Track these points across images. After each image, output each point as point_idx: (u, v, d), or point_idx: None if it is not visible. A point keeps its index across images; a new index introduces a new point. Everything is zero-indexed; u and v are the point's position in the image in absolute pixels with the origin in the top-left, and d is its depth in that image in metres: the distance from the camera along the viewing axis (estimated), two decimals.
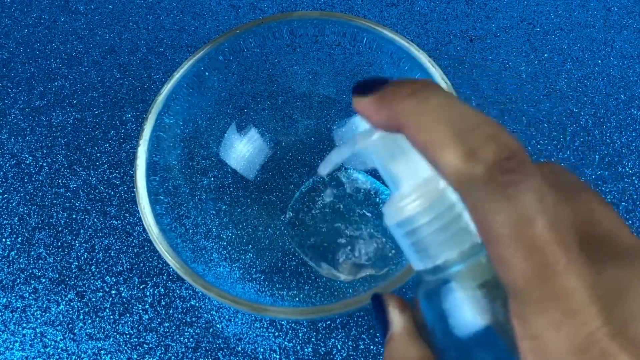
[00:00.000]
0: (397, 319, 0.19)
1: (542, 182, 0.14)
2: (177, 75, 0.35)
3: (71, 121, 0.47)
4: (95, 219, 0.43)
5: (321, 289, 0.38)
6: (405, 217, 0.17)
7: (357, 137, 0.19)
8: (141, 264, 0.41)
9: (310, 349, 0.38)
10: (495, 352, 0.17)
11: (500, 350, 0.17)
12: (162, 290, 0.40)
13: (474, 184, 0.14)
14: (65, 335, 0.39)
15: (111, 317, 0.40)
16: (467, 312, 0.17)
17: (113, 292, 0.41)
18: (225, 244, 0.38)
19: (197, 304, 0.40)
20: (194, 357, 0.38)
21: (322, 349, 0.38)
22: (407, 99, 0.16)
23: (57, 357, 0.39)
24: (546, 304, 0.14)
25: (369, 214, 0.39)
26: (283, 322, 0.39)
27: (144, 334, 0.39)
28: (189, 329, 0.39)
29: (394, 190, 0.18)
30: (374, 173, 0.41)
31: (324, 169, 0.20)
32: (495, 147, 0.14)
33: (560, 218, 0.14)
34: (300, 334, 0.39)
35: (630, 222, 0.42)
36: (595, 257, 0.15)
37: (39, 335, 0.39)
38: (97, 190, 0.44)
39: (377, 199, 0.40)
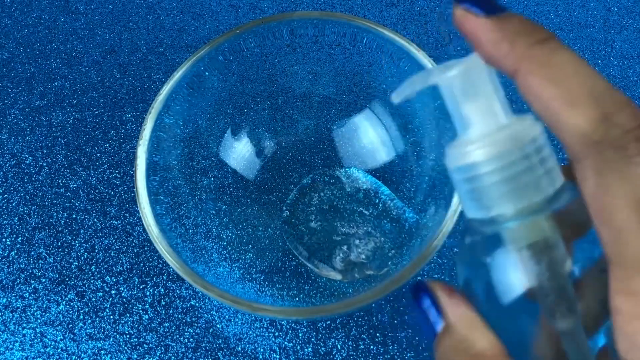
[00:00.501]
0: (451, 307, 0.17)
1: None
2: (177, 75, 0.35)
3: (71, 121, 0.47)
4: (95, 219, 0.43)
5: (321, 289, 0.38)
6: (469, 162, 0.16)
7: (432, 69, 0.17)
8: (141, 264, 0.41)
9: (310, 349, 0.38)
10: (534, 315, 0.16)
11: (537, 314, 0.16)
12: (162, 290, 0.40)
13: (605, 147, 0.14)
14: (65, 335, 0.39)
15: (111, 317, 0.40)
16: (511, 271, 0.16)
17: (113, 292, 0.41)
18: (225, 244, 0.38)
19: (197, 304, 0.40)
20: (194, 357, 0.38)
21: (322, 349, 0.38)
22: (537, 44, 0.15)
23: (57, 357, 0.39)
24: None
25: (367, 213, 0.39)
26: (283, 322, 0.39)
27: (144, 334, 0.39)
28: (189, 329, 0.39)
29: (461, 132, 0.17)
30: (374, 172, 0.41)
31: (397, 98, 0.18)
32: (631, 113, 0.14)
33: None
34: (300, 334, 0.39)
35: None
36: None
37: (39, 335, 0.39)
38: (97, 190, 0.44)
39: (377, 199, 0.40)
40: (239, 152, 0.41)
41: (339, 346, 0.38)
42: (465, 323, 0.16)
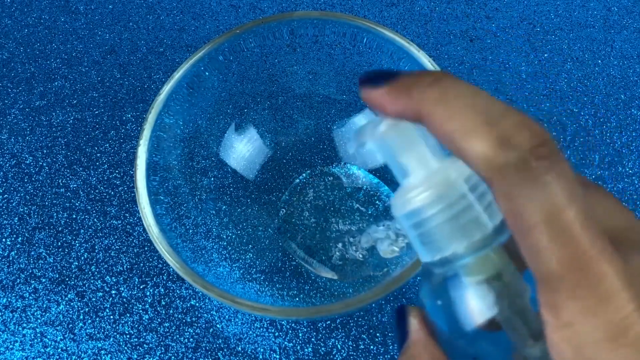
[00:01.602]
0: (415, 328, 0.19)
1: (571, 170, 0.14)
2: (177, 75, 0.35)
3: (71, 121, 0.47)
4: (95, 219, 0.43)
5: (321, 289, 0.38)
6: (413, 208, 0.17)
7: (361, 131, 0.18)
8: (141, 264, 0.41)
9: (310, 349, 0.38)
10: (501, 346, 0.17)
11: (506, 345, 0.16)
12: (162, 290, 0.40)
13: (508, 171, 0.14)
14: (65, 335, 0.39)
15: (111, 317, 0.40)
16: (473, 305, 0.17)
17: (113, 292, 0.41)
18: (225, 244, 0.38)
19: (197, 304, 0.40)
20: (194, 357, 0.38)
21: (322, 349, 0.38)
22: (429, 87, 0.15)
23: (57, 357, 0.39)
24: (580, 290, 0.14)
25: (365, 211, 0.39)
26: (283, 322, 0.39)
27: (144, 334, 0.39)
28: (189, 329, 0.39)
29: (402, 181, 0.18)
30: (374, 172, 0.41)
31: (350, 152, 0.20)
32: (528, 134, 0.14)
33: (588, 207, 0.14)
34: (300, 334, 0.39)
35: None
36: (618, 249, 0.15)
37: (39, 335, 0.39)
38: (97, 190, 0.44)
39: (375, 198, 0.40)
40: (239, 152, 0.41)
41: (339, 346, 0.38)
42: (419, 345, 0.19)
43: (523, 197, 0.14)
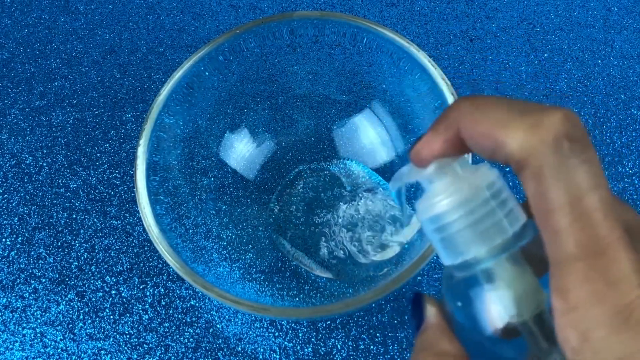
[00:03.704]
0: (432, 313, 0.20)
1: (598, 159, 0.15)
2: (177, 75, 0.35)
3: (71, 121, 0.47)
4: (95, 219, 0.43)
5: (321, 289, 0.38)
6: (436, 212, 0.18)
7: (405, 174, 0.19)
8: (141, 264, 0.41)
9: (310, 349, 0.38)
10: (518, 350, 0.17)
11: (522, 349, 0.17)
12: (162, 290, 0.40)
13: (540, 150, 0.15)
14: (65, 335, 0.39)
15: (111, 317, 0.40)
16: (492, 309, 0.17)
17: (113, 292, 0.41)
18: (225, 244, 0.38)
19: (197, 304, 0.40)
20: (194, 357, 0.38)
21: (322, 349, 0.38)
22: (461, 103, 0.17)
23: (57, 357, 0.39)
24: (592, 273, 0.14)
25: (362, 207, 0.39)
26: (283, 322, 0.39)
27: (144, 334, 0.39)
28: (189, 329, 0.39)
29: (427, 187, 0.19)
30: (375, 170, 0.41)
31: (393, 189, 0.21)
32: (561, 117, 0.15)
33: (610, 196, 0.15)
34: (300, 334, 0.39)
35: None
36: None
37: (39, 335, 0.39)
38: (97, 190, 0.44)
39: (375, 198, 0.40)
40: (239, 152, 0.41)
41: (339, 346, 0.38)
42: (437, 328, 0.19)
43: (551, 177, 0.15)
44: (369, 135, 0.41)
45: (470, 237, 0.17)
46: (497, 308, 0.17)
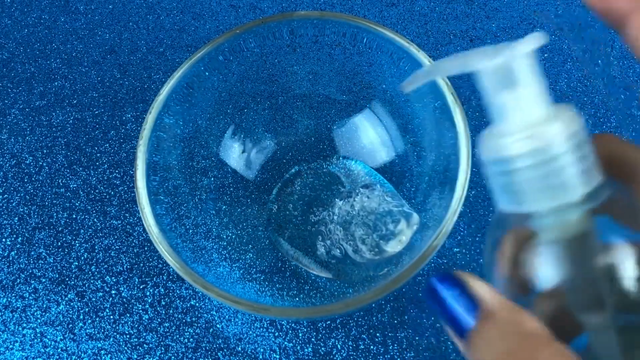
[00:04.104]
0: (489, 294, 0.16)
1: None
2: (177, 75, 0.35)
3: (71, 121, 0.47)
4: (95, 219, 0.43)
5: (321, 289, 0.38)
6: (505, 155, 0.16)
7: (470, 54, 0.17)
8: (141, 264, 0.41)
9: (310, 349, 0.38)
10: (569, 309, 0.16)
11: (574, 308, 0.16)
12: (162, 290, 0.40)
13: None
14: (65, 335, 0.39)
15: (111, 317, 0.40)
16: (544, 267, 0.16)
17: (113, 292, 0.41)
18: (225, 244, 0.38)
19: (197, 304, 0.40)
20: (194, 357, 0.38)
21: (322, 349, 0.38)
22: None
23: (57, 357, 0.39)
24: None
25: (359, 206, 0.39)
26: (283, 322, 0.39)
27: (144, 334, 0.39)
28: (189, 329, 0.39)
29: (498, 122, 0.17)
30: (375, 169, 0.41)
31: (414, 83, 0.18)
32: None
33: None
34: (300, 334, 0.39)
35: None
36: None
37: (39, 335, 0.39)
38: (97, 190, 0.44)
39: (372, 194, 0.40)
40: (239, 152, 0.41)
41: (339, 346, 0.38)
42: (508, 307, 0.15)
43: None
44: (369, 135, 0.41)
45: (537, 190, 0.16)
46: (549, 266, 0.16)
